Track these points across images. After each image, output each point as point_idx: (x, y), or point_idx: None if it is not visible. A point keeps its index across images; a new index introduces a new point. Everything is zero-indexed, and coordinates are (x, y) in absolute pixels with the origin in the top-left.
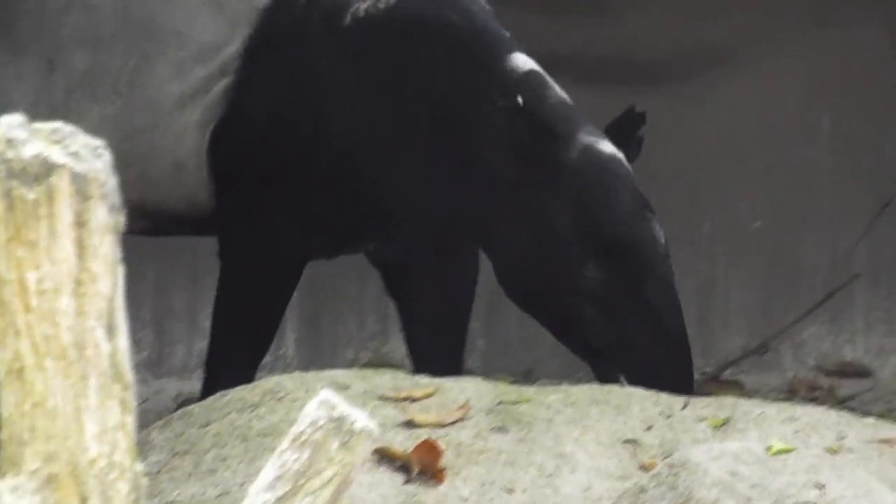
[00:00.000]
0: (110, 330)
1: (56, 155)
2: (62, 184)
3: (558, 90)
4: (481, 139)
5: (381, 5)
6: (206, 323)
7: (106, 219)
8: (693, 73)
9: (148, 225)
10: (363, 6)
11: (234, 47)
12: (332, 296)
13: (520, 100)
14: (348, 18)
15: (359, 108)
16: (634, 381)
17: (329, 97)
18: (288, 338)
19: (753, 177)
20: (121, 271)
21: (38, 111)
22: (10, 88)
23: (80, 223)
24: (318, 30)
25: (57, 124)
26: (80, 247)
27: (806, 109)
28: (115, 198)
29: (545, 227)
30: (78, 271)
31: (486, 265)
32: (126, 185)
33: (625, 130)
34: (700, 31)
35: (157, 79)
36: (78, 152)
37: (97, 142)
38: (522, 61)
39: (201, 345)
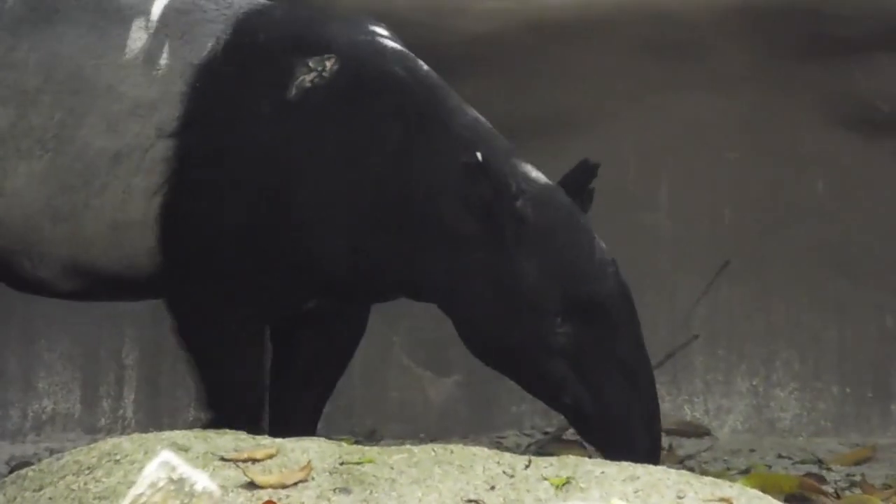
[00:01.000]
0: None
1: None
2: None
3: (509, 145)
4: (439, 197)
5: (326, 74)
6: (40, 384)
7: None
8: (535, 136)
9: (77, 286)
10: (308, 77)
11: (171, 107)
12: (171, 356)
13: (479, 156)
14: (293, 90)
15: (309, 179)
16: (604, 435)
17: (279, 169)
18: (126, 398)
19: None
20: None
21: None
22: None
23: None
24: (263, 100)
25: None
26: None
27: (644, 175)
28: None
29: (509, 285)
30: None
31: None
32: (54, 243)
33: (578, 183)
34: (543, 97)
35: (87, 134)
36: None
37: None
38: (474, 116)
39: (35, 407)
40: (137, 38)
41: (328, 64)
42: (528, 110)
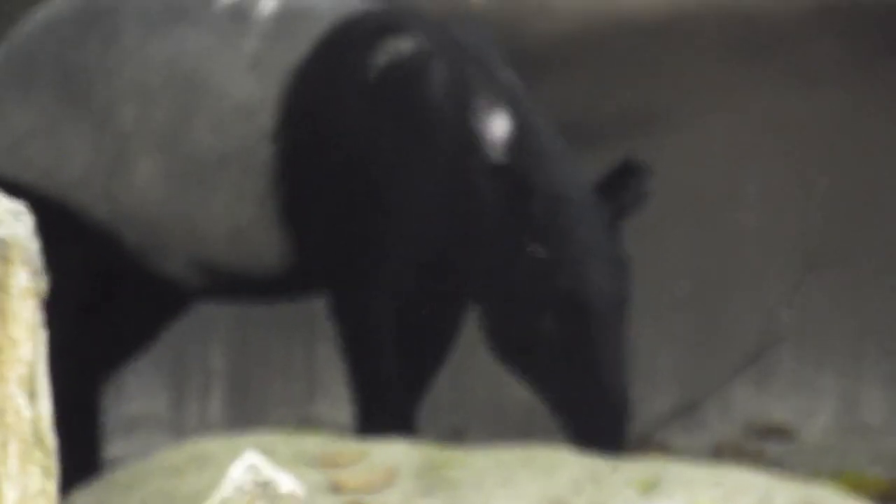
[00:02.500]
0: (32, 395)
1: None
2: None
3: (547, 137)
4: (474, 193)
5: (400, 59)
6: (128, 387)
7: (27, 283)
8: (619, 136)
9: (208, 281)
10: (383, 59)
11: (271, 109)
12: (260, 357)
13: (500, 160)
14: (371, 75)
15: (395, 161)
16: (569, 432)
17: (370, 155)
18: (213, 400)
19: (680, 239)
20: (42, 336)
21: (95, 165)
22: (70, 142)
23: (1, 288)
24: (350, 90)
25: None
26: (1, 312)
27: (731, 172)
28: (37, 262)
29: (513, 280)
30: None
31: None
32: (180, 240)
33: (617, 182)
34: (628, 97)
35: (197, 134)
36: None
37: (19, 206)
38: (524, 115)
39: (126, 408)
40: (249, 38)
41: (403, 46)
42: (614, 110)
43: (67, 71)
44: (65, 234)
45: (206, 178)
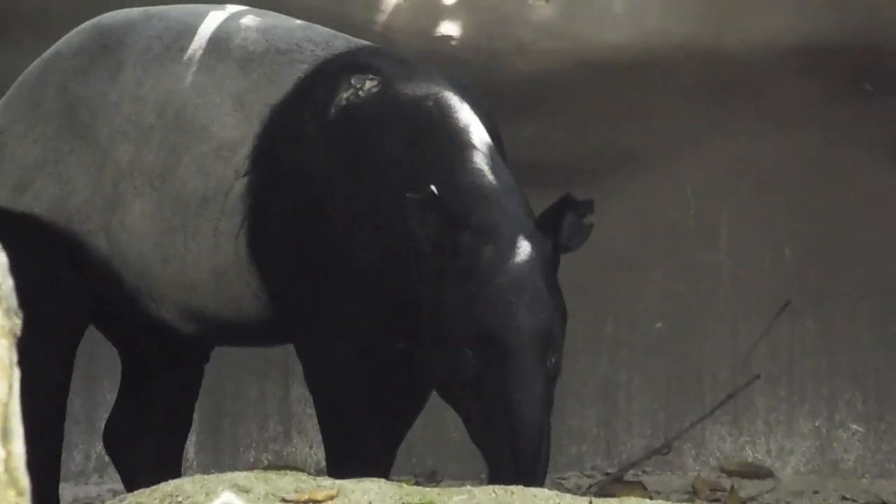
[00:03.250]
0: (5, 435)
1: None
2: None
3: (495, 174)
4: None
5: (363, 94)
6: (103, 426)
7: (1, 322)
8: (596, 176)
9: (198, 330)
10: (345, 95)
11: (247, 147)
12: (234, 397)
13: (433, 189)
14: (333, 109)
15: (348, 199)
16: (490, 468)
17: (326, 192)
18: (188, 440)
19: (654, 278)
20: (17, 375)
21: (94, 201)
22: (74, 175)
23: None
24: (311, 123)
25: None
26: None
27: (704, 213)
28: (11, 300)
29: (436, 318)
30: None
31: None
32: (167, 284)
33: (553, 218)
34: (602, 136)
35: (183, 174)
36: None
37: None
38: (477, 149)
39: (99, 448)
40: (235, 78)
41: (368, 84)
42: (587, 150)
43: (72, 103)
44: (73, 265)
45: (191, 221)
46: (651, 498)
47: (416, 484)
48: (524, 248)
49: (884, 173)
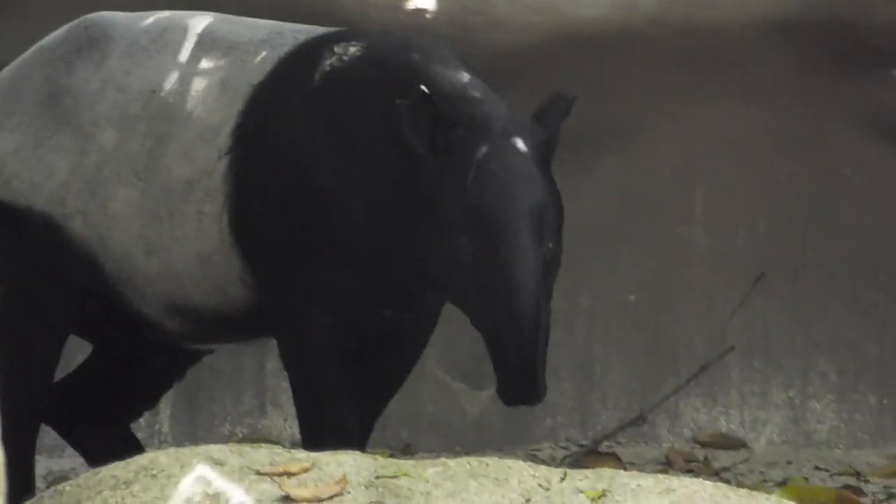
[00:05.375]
0: None
1: None
2: None
3: (480, 86)
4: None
5: (346, 58)
6: None
7: None
8: (572, 150)
9: (183, 326)
10: (329, 62)
11: (230, 125)
12: (209, 371)
13: (423, 89)
14: (317, 77)
15: (335, 164)
16: (491, 350)
17: (315, 169)
18: (163, 413)
19: (630, 252)
20: None
21: (72, 183)
22: (52, 160)
23: None
24: (295, 94)
25: None
26: None
27: (682, 186)
28: None
29: (436, 211)
30: None
31: None
32: (150, 278)
33: (552, 115)
34: (578, 111)
35: (169, 162)
36: None
37: None
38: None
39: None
40: (219, 65)
41: (352, 49)
42: (564, 124)
43: (54, 91)
44: (51, 248)
45: (176, 209)
46: (625, 469)
47: (391, 457)
48: (517, 138)
49: (859, 148)
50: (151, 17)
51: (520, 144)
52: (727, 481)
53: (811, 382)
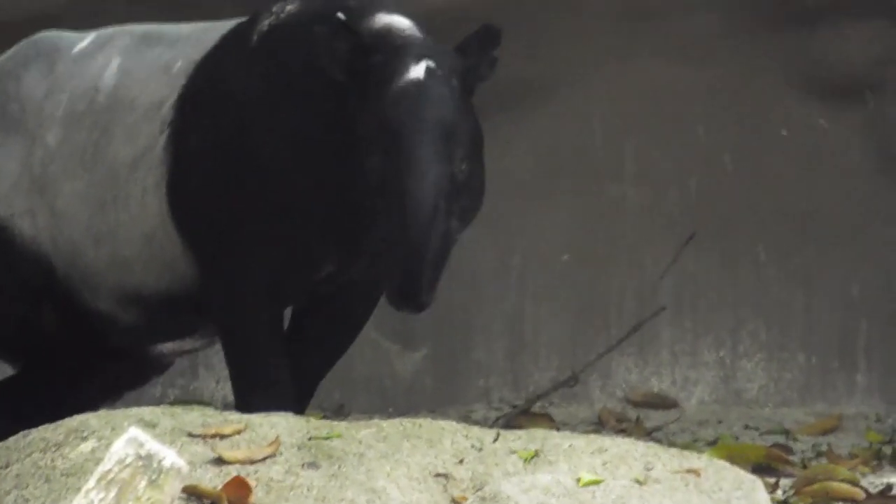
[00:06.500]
0: None
1: None
2: None
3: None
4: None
5: (283, 16)
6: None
7: None
8: (501, 107)
9: (137, 318)
10: (267, 21)
11: (171, 99)
12: None
13: (340, 16)
14: (254, 36)
15: (275, 122)
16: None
17: (249, 118)
18: None
19: (561, 210)
20: None
21: (21, 183)
22: (1, 165)
23: None
24: (235, 55)
25: None
26: None
27: (611, 144)
28: None
29: (356, 133)
30: None
31: None
32: (101, 269)
33: (476, 46)
34: (508, 64)
35: (114, 148)
36: None
37: None
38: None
39: None
40: (163, 53)
41: (288, 7)
42: (491, 80)
43: (2, 102)
44: (5, 252)
45: (121, 191)
46: (558, 429)
47: (324, 418)
48: (433, 62)
49: (790, 104)
50: (99, 30)
51: (435, 67)
52: (659, 441)
53: (741, 342)
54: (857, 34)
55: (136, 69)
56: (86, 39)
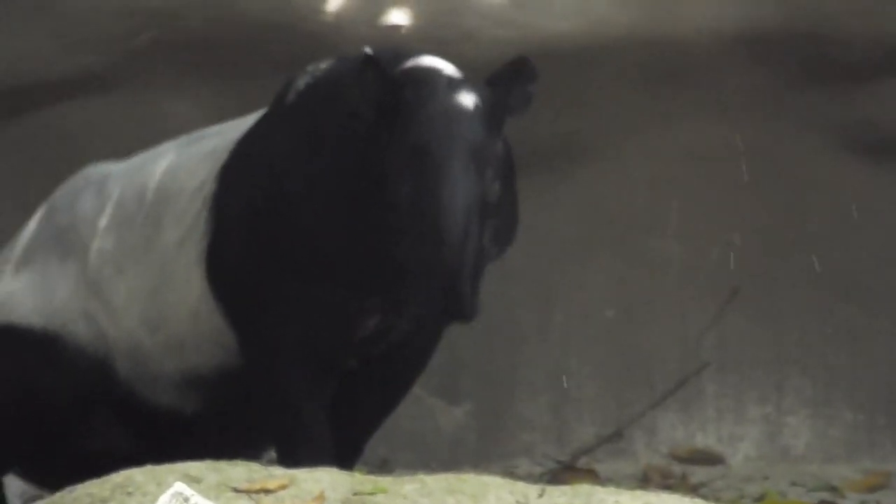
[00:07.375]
0: None
1: None
2: None
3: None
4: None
5: (318, 74)
6: None
7: None
8: (544, 165)
9: (198, 404)
10: (302, 81)
11: (214, 174)
12: None
13: (367, 50)
14: (290, 96)
15: (307, 178)
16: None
17: (282, 177)
18: None
19: (604, 267)
20: None
21: (77, 292)
22: (56, 279)
23: None
24: (273, 121)
25: None
26: None
27: (653, 200)
28: None
29: (384, 164)
30: None
31: None
32: (157, 358)
33: (507, 78)
34: (549, 125)
35: (163, 235)
36: None
37: None
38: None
39: None
40: (209, 143)
41: (323, 64)
42: (534, 139)
43: (59, 233)
44: (57, 364)
45: (170, 274)
46: (603, 485)
47: (368, 473)
48: (463, 93)
49: (830, 161)
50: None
51: (464, 98)
52: (704, 497)
53: (786, 397)
54: (891, 90)
55: (184, 162)
56: (133, 159)
